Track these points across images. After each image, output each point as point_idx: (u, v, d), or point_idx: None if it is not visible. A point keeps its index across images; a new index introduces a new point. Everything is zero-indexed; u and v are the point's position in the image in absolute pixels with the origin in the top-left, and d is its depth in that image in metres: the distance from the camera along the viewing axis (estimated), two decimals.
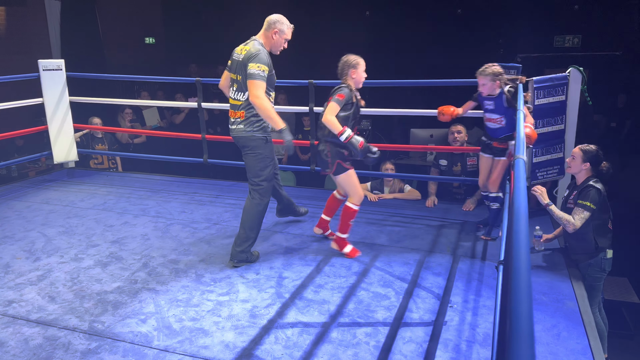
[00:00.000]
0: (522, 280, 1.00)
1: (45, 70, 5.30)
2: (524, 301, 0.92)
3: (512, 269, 1.06)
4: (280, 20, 3.41)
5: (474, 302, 2.99)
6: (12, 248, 3.72)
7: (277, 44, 3.42)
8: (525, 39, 7.95)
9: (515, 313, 0.90)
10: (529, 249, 1.14)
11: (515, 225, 1.26)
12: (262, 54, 3.29)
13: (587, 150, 3.48)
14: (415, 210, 4.61)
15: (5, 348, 2.51)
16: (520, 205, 1.36)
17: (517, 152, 2.06)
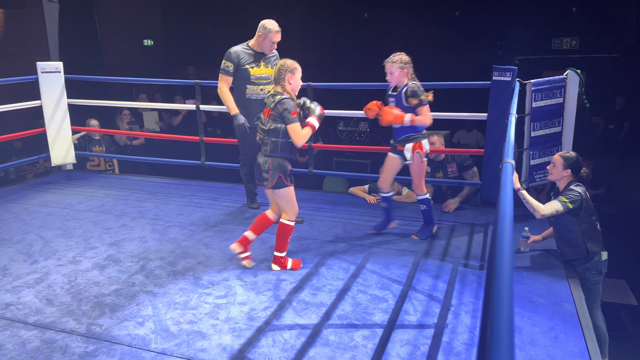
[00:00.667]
0: (504, 284, 1.00)
1: (43, 72, 5.30)
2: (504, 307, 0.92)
3: (494, 272, 1.06)
4: (264, 25, 3.98)
5: (472, 304, 2.99)
6: (9, 251, 3.72)
7: (264, 45, 4.02)
8: (523, 41, 7.97)
9: (496, 318, 0.90)
10: (512, 253, 1.14)
11: (500, 228, 1.26)
12: (230, 52, 4.02)
13: (567, 157, 3.52)
14: (413, 213, 4.61)
15: (3, 351, 2.51)
16: (505, 210, 1.36)
17: (506, 155, 2.07)
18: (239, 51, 4.04)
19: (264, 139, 3.27)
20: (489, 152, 4.31)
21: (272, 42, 3.99)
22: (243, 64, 4.02)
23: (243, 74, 4.02)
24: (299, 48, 8.96)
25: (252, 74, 4.03)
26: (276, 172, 3.22)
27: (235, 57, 4.02)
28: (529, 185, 4.32)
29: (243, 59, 4.03)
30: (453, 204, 4.62)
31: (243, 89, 4.06)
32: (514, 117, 2.89)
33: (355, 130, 6.99)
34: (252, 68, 4.03)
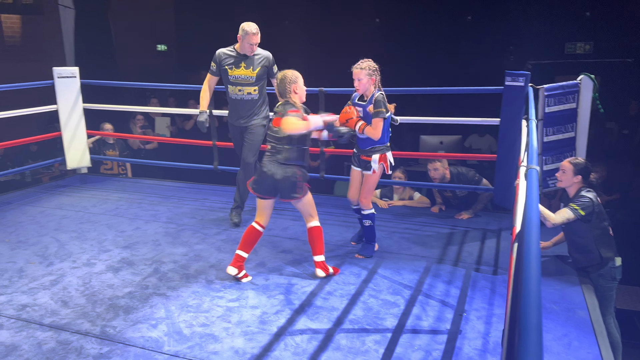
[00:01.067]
0: (532, 290, 1.00)
1: (59, 77, 5.38)
2: (533, 312, 0.93)
3: (522, 280, 1.06)
4: (243, 27, 4.09)
5: (485, 310, 2.98)
6: (25, 253, 3.78)
7: (243, 47, 4.11)
8: (536, 46, 7.93)
9: (524, 324, 0.90)
10: (539, 261, 1.15)
11: (527, 236, 1.26)
12: (216, 53, 4.21)
13: (577, 164, 3.50)
14: (425, 218, 4.61)
15: (19, 352, 2.55)
16: (532, 217, 1.36)
17: (530, 161, 2.06)
18: (222, 52, 4.19)
19: (276, 147, 3.24)
20: (502, 158, 4.29)
21: (250, 44, 4.06)
22: (223, 65, 4.15)
23: (224, 74, 4.16)
24: (311, 54, 9.00)
25: (230, 74, 4.14)
26: (303, 182, 3.25)
27: (218, 57, 4.18)
28: (543, 190, 4.30)
29: (224, 60, 4.15)
30: (467, 214, 4.60)
31: (227, 88, 4.22)
32: (534, 122, 2.87)
33: None
34: (230, 69, 4.13)
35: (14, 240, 4.02)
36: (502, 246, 3.95)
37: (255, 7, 9.40)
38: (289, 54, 9.32)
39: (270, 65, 4.23)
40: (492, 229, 4.35)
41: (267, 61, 4.21)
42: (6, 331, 2.73)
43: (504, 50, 8.21)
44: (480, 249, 3.92)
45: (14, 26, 7.96)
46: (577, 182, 3.50)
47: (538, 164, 4.21)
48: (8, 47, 7.87)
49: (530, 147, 2.37)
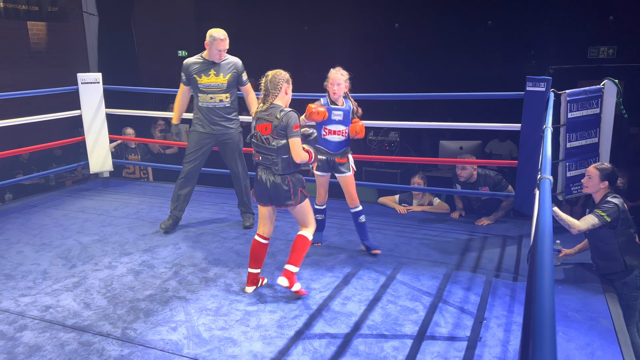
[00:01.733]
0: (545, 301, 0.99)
1: (83, 83, 5.49)
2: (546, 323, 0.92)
3: (535, 289, 1.05)
4: (210, 34, 4.02)
5: (505, 318, 2.94)
6: (49, 255, 3.85)
7: (211, 53, 4.05)
8: (557, 50, 7.83)
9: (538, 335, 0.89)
10: (552, 270, 1.13)
11: (540, 245, 1.25)
12: (184, 62, 4.14)
13: (603, 169, 3.44)
14: (444, 224, 4.58)
15: (42, 352, 2.60)
16: (544, 226, 1.34)
17: (544, 171, 2.04)
18: (190, 61, 4.12)
19: (269, 158, 3.05)
20: (523, 164, 4.24)
21: (218, 50, 4.00)
22: (192, 74, 4.08)
23: (193, 82, 4.11)
24: (329, 59, 9.02)
25: (200, 83, 4.09)
26: (297, 188, 3.09)
27: (186, 67, 4.11)
28: (566, 197, 4.23)
29: (192, 68, 4.08)
30: (487, 220, 4.55)
31: (197, 97, 4.15)
32: (550, 130, 2.84)
33: (385, 140, 6.98)
34: (199, 77, 4.08)
35: (38, 242, 4.11)
36: (523, 253, 3.90)
37: (274, 12, 9.47)
38: (306, 59, 9.36)
39: (240, 73, 4.17)
40: (512, 235, 4.29)
41: (237, 68, 4.15)
42: (30, 332, 2.78)
43: (525, 55, 8.11)
44: (500, 255, 3.87)
45: (40, 33, 8.16)
46: (603, 188, 3.44)
47: (560, 170, 4.17)
48: (34, 54, 8.06)
49: (544, 155, 2.34)
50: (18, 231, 4.37)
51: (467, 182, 4.63)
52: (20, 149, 5.71)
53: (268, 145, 3.04)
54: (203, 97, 4.11)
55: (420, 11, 8.53)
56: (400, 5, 8.59)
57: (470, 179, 4.61)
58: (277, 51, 8.92)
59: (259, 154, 3.11)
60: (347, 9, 8.83)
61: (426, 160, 6.32)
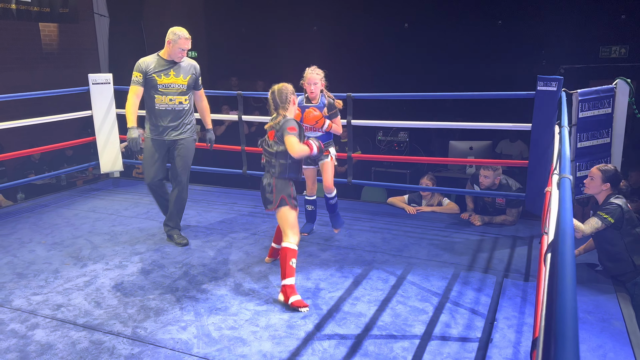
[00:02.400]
0: (568, 299, 0.98)
1: (94, 84, 5.53)
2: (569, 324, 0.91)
3: (557, 291, 1.04)
4: (173, 32, 3.83)
5: (516, 319, 2.92)
6: (60, 254, 3.88)
7: (172, 52, 3.84)
8: (569, 50, 7.77)
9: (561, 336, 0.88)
10: (574, 272, 1.12)
11: (561, 245, 1.23)
12: (139, 62, 3.87)
13: (606, 170, 3.42)
14: (454, 224, 4.55)
15: (54, 351, 2.62)
16: (566, 227, 1.33)
17: (563, 170, 2.02)
18: (148, 61, 3.85)
19: (271, 162, 3.20)
20: (533, 164, 4.21)
21: (181, 49, 3.79)
22: (150, 73, 3.81)
23: (151, 82, 3.83)
24: (337, 59, 9.02)
25: (159, 83, 3.83)
26: (279, 194, 3.15)
27: (145, 66, 3.83)
28: (575, 197, 4.20)
29: (151, 67, 3.82)
30: (479, 221, 4.51)
31: (152, 99, 3.87)
32: (567, 129, 2.81)
33: (395, 140, 6.96)
34: (159, 77, 3.83)
35: (49, 241, 4.14)
36: (534, 254, 3.87)
37: (284, 12, 9.49)
38: (316, 59, 9.37)
39: (198, 76, 4.01)
40: (523, 236, 4.26)
41: (196, 71, 3.99)
42: (42, 330, 2.81)
43: (536, 55, 8.06)
44: (511, 256, 3.85)
45: (52, 34, 8.23)
46: (605, 190, 3.42)
47: (571, 170, 4.13)
48: (46, 55, 8.14)
49: (563, 154, 2.31)
50: (30, 230, 4.41)
51: (490, 189, 4.60)
52: (32, 149, 5.77)
53: (270, 149, 3.20)
54: (161, 98, 3.85)
55: (430, 11, 8.50)
56: (409, 5, 8.57)
57: (491, 187, 4.57)
58: (286, 51, 8.93)
59: (264, 156, 3.30)
60: (356, 8, 8.82)
61: (435, 160, 6.30)
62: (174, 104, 3.90)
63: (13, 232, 4.36)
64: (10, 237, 4.24)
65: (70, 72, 7.98)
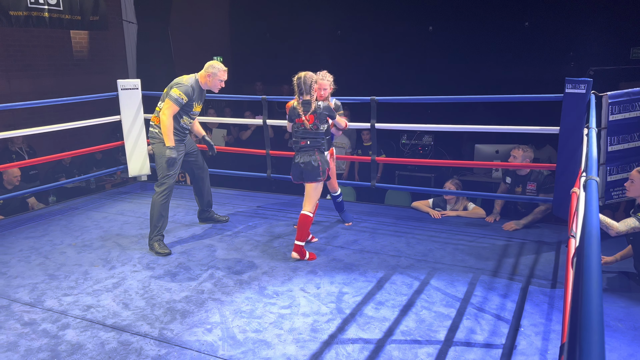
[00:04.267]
0: (593, 309, 0.96)
1: (123, 89, 5.65)
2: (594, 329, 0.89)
3: (582, 296, 1.02)
4: (213, 65, 4.09)
5: (543, 326, 2.87)
6: (90, 256, 3.98)
7: (212, 84, 4.11)
8: (598, 51, 7.60)
9: (586, 344, 0.87)
10: (600, 276, 1.10)
11: (587, 249, 1.21)
12: (187, 86, 4.02)
13: None
14: (480, 229, 4.50)
15: (84, 350, 2.68)
16: (592, 230, 1.31)
17: (590, 172, 1.98)
18: (194, 87, 4.08)
19: (317, 140, 3.77)
20: (561, 168, 4.14)
21: (221, 80, 4.10)
22: (193, 100, 4.08)
23: (187, 108, 4.09)
24: (363, 62, 9.02)
25: (194, 110, 4.16)
26: (325, 166, 3.79)
27: (192, 93, 4.06)
28: (606, 202, 4.10)
29: (195, 96, 4.09)
30: (515, 225, 4.45)
31: (179, 117, 4.09)
32: (594, 131, 2.76)
33: (419, 144, 6.91)
34: (196, 105, 4.15)
35: (79, 244, 4.25)
36: (562, 259, 3.80)
37: (307, 16, 9.53)
38: (340, 62, 9.38)
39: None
40: (550, 241, 4.19)
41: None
42: (72, 330, 2.88)
43: (564, 57, 7.91)
44: (537, 261, 3.78)
45: (82, 41, 8.45)
46: None
47: (600, 174, 4.04)
48: (77, 62, 8.35)
49: (590, 156, 2.27)
50: (61, 233, 4.53)
51: (518, 174, 4.57)
52: (63, 154, 5.91)
53: (312, 131, 3.76)
54: (187, 120, 4.16)
55: (455, 13, 8.43)
56: (434, 8, 8.52)
57: (519, 171, 4.54)
58: (310, 55, 8.97)
59: (304, 140, 3.79)
60: (380, 12, 8.81)
61: (458, 163, 6.23)
62: (190, 125, 4.28)
63: (45, 234, 4.49)
64: (42, 239, 4.36)
65: (99, 78, 8.17)
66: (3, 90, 7.14)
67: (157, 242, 4.06)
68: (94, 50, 8.61)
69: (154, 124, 4.14)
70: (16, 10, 5.96)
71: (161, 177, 4.12)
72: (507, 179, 4.72)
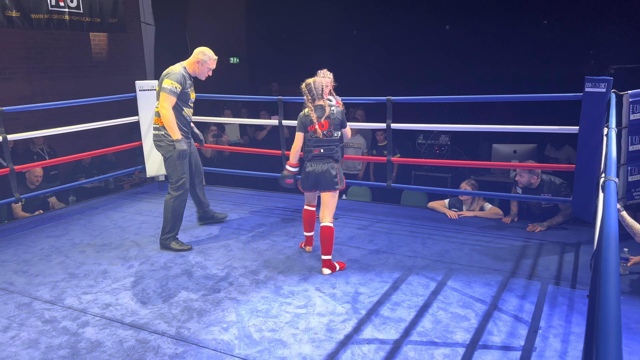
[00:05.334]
0: (610, 310, 0.95)
1: (141, 90, 5.72)
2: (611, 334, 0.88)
3: (599, 298, 1.01)
4: (203, 52, 4.03)
5: (562, 328, 2.83)
6: (109, 255, 4.03)
7: (201, 72, 4.04)
8: (619, 49, 7.47)
9: (602, 346, 0.85)
10: (618, 278, 1.08)
11: (605, 252, 1.20)
12: (178, 74, 3.93)
13: None
14: (497, 230, 4.46)
15: (103, 348, 2.72)
16: (610, 232, 1.29)
17: (609, 172, 1.95)
18: (184, 74, 4.00)
19: (332, 148, 3.62)
20: (581, 168, 4.07)
21: (209, 69, 4.05)
22: (187, 88, 4.01)
23: (184, 97, 4.00)
24: (378, 62, 8.99)
25: (191, 98, 4.08)
26: (342, 174, 3.69)
27: (183, 79, 3.97)
28: (627, 202, 4.03)
29: (188, 82, 4.02)
30: (540, 227, 4.40)
31: (180, 109, 4.03)
32: (614, 131, 2.71)
33: (435, 144, 6.86)
34: (192, 92, 4.08)
35: (99, 243, 4.31)
36: (582, 260, 3.75)
37: (324, 16, 9.54)
38: (356, 62, 9.37)
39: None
40: (570, 242, 4.13)
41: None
42: (92, 328, 2.92)
43: (584, 55, 7.79)
44: (557, 262, 3.73)
45: (101, 43, 8.57)
46: None
47: (620, 174, 3.97)
48: (96, 63, 8.47)
49: (609, 157, 2.23)
50: (81, 232, 4.60)
51: (529, 188, 4.49)
52: (83, 154, 6.00)
53: (327, 137, 3.61)
54: (187, 111, 4.11)
55: (471, 12, 8.37)
56: (450, 7, 8.46)
57: (531, 186, 4.47)
58: (326, 55, 8.98)
59: (318, 148, 3.62)
60: (396, 11, 8.78)
61: (474, 164, 6.17)
62: (191, 115, 4.20)
63: (65, 234, 4.56)
64: (62, 238, 4.44)
65: (118, 80, 8.27)
66: (25, 92, 7.28)
67: (173, 241, 4.09)
68: (113, 52, 8.72)
69: (157, 126, 4.06)
70: (37, 13, 6.07)
71: (175, 179, 4.07)
72: (519, 190, 4.62)
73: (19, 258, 4.00)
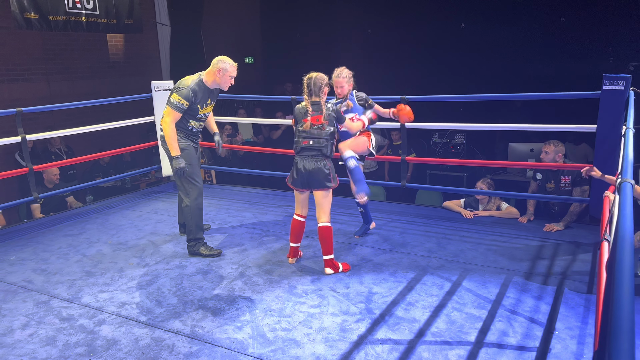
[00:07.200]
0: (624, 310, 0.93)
1: (157, 90, 5.77)
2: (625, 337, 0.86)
3: (613, 300, 0.99)
4: (222, 60, 3.83)
5: (579, 329, 2.79)
6: (125, 254, 4.08)
7: (222, 81, 3.83)
8: (638, 46, 7.34)
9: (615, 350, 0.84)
10: (632, 282, 1.06)
11: (619, 253, 1.18)
12: (187, 90, 3.74)
13: None
14: (513, 229, 4.41)
15: (119, 346, 2.76)
16: (625, 234, 1.26)
17: (624, 174, 1.92)
18: (196, 90, 3.78)
19: (321, 143, 3.52)
20: (598, 167, 4.00)
21: (231, 76, 3.83)
22: (197, 103, 3.81)
23: (192, 111, 3.83)
24: (393, 61, 8.95)
25: (200, 113, 3.88)
26: (334, 172, 3.57)
27: (194, 97, 3.77)
28: None
29: (199, 98, 3.81)
30: (557, 226, 4.35)
31: (186, 121, 3.86)
32: (632, 130, 2.67)
33: (451, 143, 6.82)
34: (202, 107, 3.86)
35: (115, 242, 4.36)
36: (598, 261, 3.68)
37: (338, 16, 9.53)
38: (370, 62, 9.33)
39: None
40: (586, 242, 4.07)
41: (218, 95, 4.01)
42: (108, 326, 2.96)
43: (602, 52, 7.66)
44: (573, 263, 3.68)
45: (118, 44, 8.66)
46: None
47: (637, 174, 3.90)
48: (112, 64, 8.57)
49: (626, 157, 2.19)
50: (97, 231, 4.66)
51: (550, 169, 4.48)
52: (99, 154, 6.09)
53: (319, 131, 3.52)
54: (194, 123, 3.92)
55: (487, 9, 8.28)
56: (466, 5, 8.39)
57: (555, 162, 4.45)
58: (340, 54, 8.96)
59: (309, 141, 3.54)
60: (411, 10, 8.73)
61: (490, 163, 6.11)
62: (200, 128, 4.01)
63: (82, 232, 4.63)
64: (79, 237, 4.50)
65: (134, 80, 8.36)
66: (43, 93, 7.39)
67: (202, 246, 3.98)
68: (129, 52, 8.82)
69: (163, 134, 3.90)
70: (55, 15, 6.16)
71: (187, 184, 3.93)
72: (538, 176, 4.62)
73: (37, 257, 4.07)
